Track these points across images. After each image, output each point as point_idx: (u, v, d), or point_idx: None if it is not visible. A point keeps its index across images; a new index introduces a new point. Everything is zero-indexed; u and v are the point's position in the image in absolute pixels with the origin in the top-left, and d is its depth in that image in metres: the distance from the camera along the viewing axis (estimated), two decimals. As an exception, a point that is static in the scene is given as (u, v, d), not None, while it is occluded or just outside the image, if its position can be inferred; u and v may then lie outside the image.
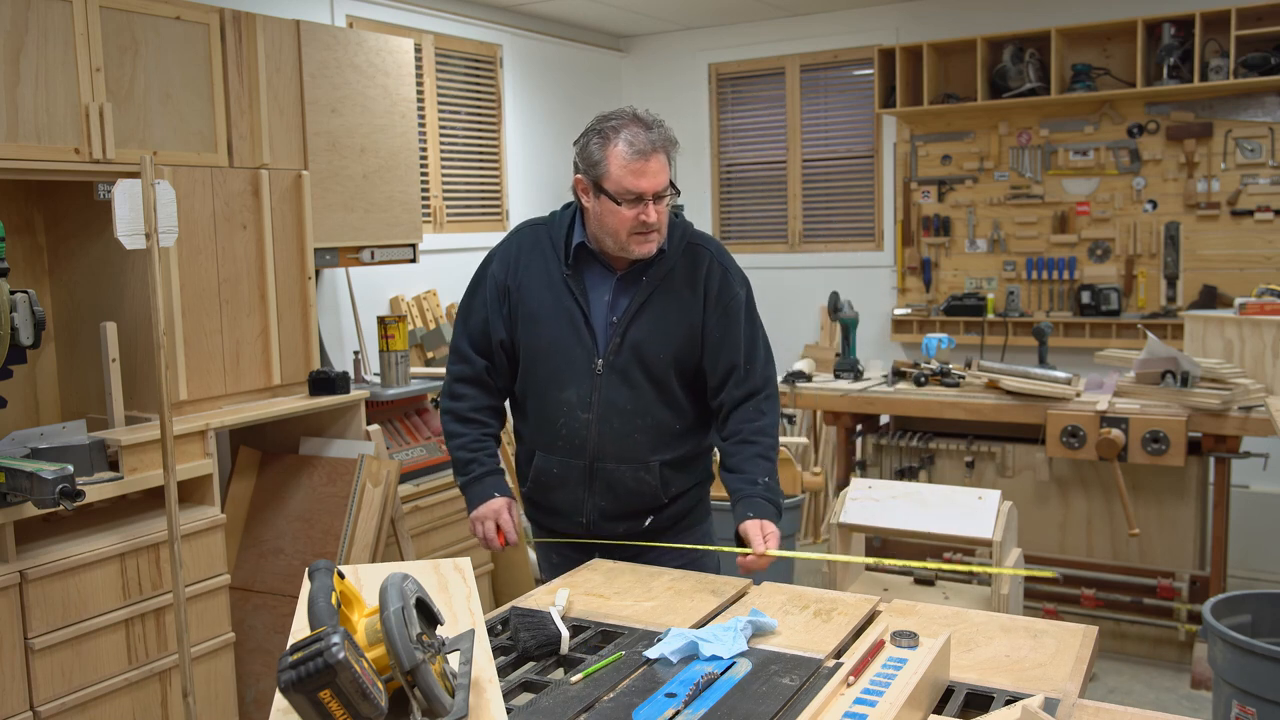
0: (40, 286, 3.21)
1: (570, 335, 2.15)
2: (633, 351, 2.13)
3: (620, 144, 2.03)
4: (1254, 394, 3.61)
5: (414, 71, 4.05)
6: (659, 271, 2.15)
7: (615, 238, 2.09)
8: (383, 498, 3.34)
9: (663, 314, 2.15)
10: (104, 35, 2.91)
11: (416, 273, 4.82)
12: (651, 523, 2.24)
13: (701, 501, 2.37)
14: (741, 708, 1.42)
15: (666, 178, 2.07)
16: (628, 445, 2.16)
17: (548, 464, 2.23)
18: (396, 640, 1.23)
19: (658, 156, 2.04)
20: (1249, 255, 4.89)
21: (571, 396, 2.16)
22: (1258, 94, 4.79)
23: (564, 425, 2.18)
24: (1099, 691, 3.63)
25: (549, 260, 2.19)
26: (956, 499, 2.88)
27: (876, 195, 5.85)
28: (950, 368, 4.18)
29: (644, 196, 2.04)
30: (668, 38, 6.33)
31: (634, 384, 2.14)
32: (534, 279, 2.19)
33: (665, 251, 2.15)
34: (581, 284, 2.16)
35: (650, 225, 2.06)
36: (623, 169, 2.03)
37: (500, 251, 2.26)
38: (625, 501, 2.21)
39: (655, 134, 2.05)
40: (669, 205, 2.11)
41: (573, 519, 2.24)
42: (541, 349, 2.19)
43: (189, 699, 2.75)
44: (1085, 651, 1.61)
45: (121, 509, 2.98)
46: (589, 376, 2.15)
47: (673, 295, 2.15)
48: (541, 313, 2.18)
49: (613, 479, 2.18)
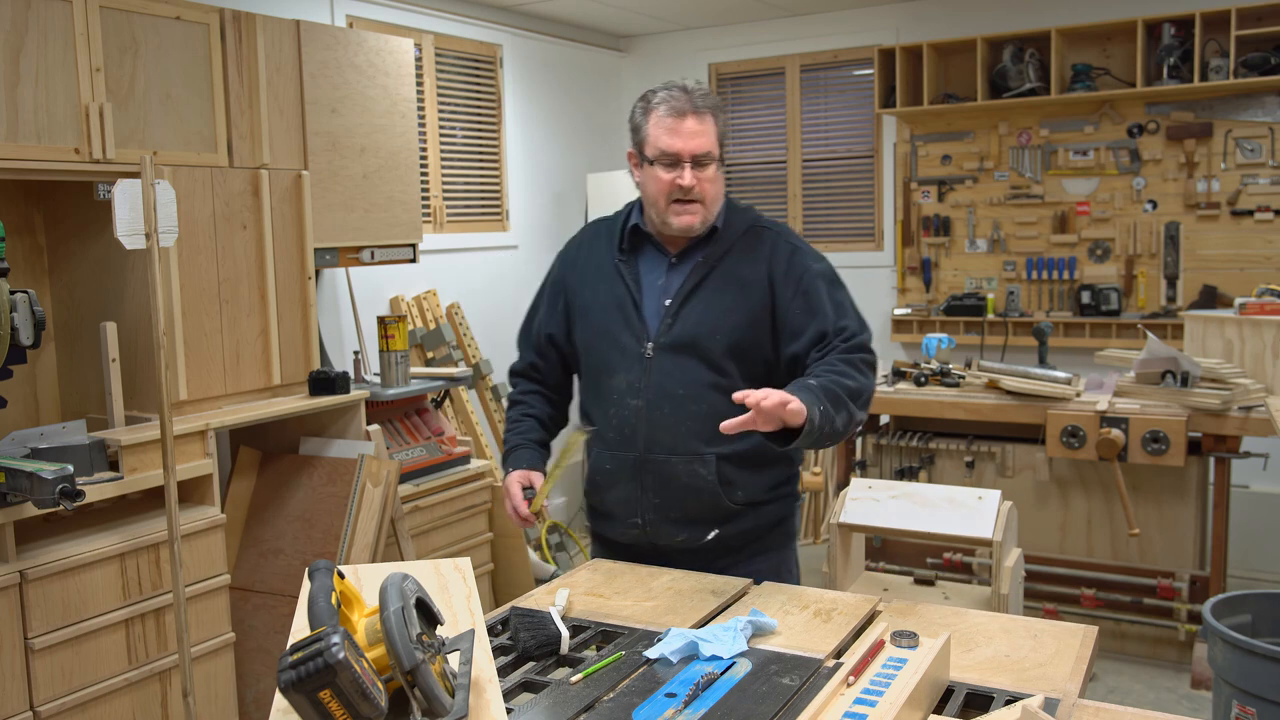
0: (40, 286, 3.21)
1: (619, 321, 2.08)
2: (685, 333, 2.03)
3: (659, 105, 2.00)
4: (1254, 394, 3.61)
5: (414, 71, 4.05)
6: (715, 252, 2.06)
7: (656, 208, 2.04)
8: (383, 498, 3.34)
9: (719, 295, 2.04)
10: (104, 35, 2.91)
11: (416, 273, 4.82)
12: (717, 537, 2.07)
13: (782, 524, 2.16)
14: (741, 708, 1.42)
15: (706, 141, 1.98)
16: (679, 434, 2.02)
17: (600, 460, 2.13)
18: (396, 640, 1.23)
19: (696, 117, 1.98)
20: (1249, 255, 4.89)
21: (621, 383, 2.07)
22: (1258, 94, 4.79)
23: (615, 414, 2.08)
24: (1099, 691, 3.63)
25: (605, 250, 2.16)
26: (956, 499, 2.88)
27: (876, 195, 5.85)
28: (950, 368, 4.18)
29: (680, 158, 1.97)
30: (668, 38, 6.33)
31: (686, 367, 2.03)
32: (589, 271, 2.17)
33: (719, 230, 2.07)
34: (635, 269, 2.11)
35: (688, 192, 1.99)
36: (659, 128, 1.99)
37: (564, 248, 2.27)
38: (682, 502, 2.05)
39: (695, 97, 1.99)
40: (716, 174, 2.02)
41: (627, 521, 2.10)
42: (592, 338, 2.14)
43: (189, 699, 2.75)
44: (1085, 651, 1.61)
45: (121, 509, 2.98)
46: (639, 361, 2.05)
47: (731, 277, 2.05)
48: (593, 303, 2.14)
49: (665, 473, 2.04)
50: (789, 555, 2.19)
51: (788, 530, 2.18)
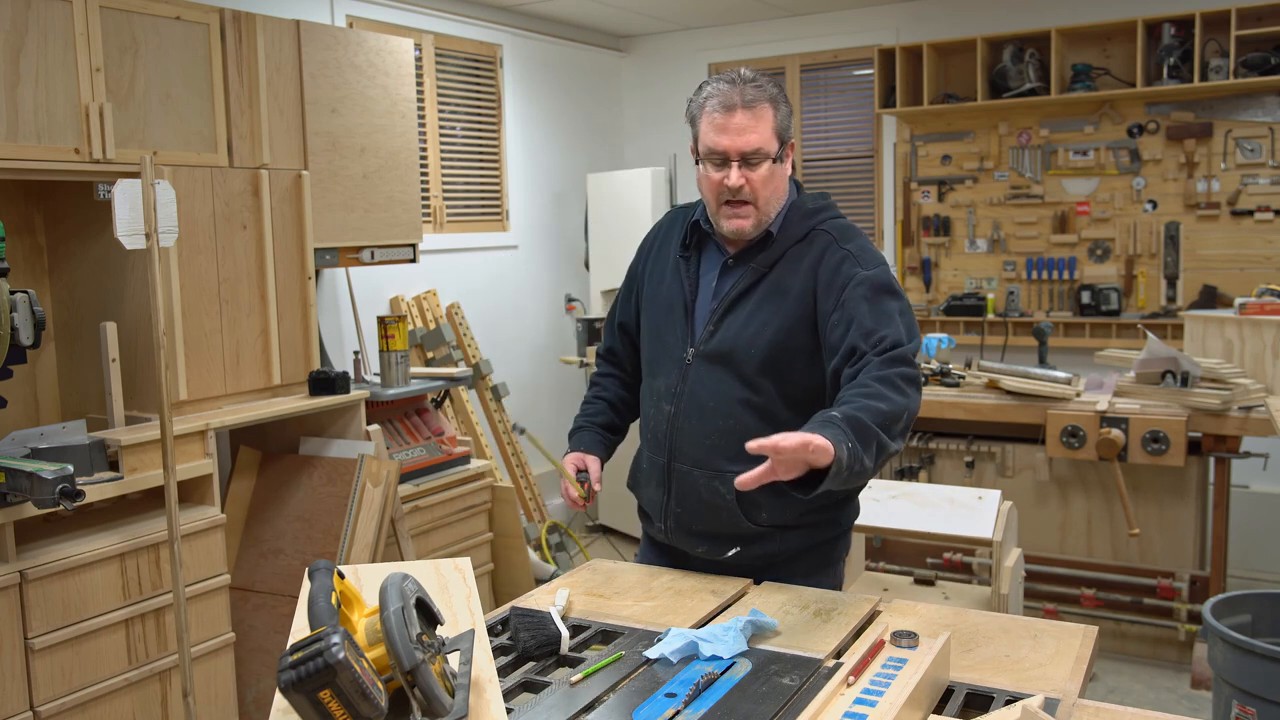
0: (40, 286, 3.21)
1: (669, 321, 2.01)
2: (724, 344, 1.92)
3: (710, 98, 1.87)
4: (1254, 394, 3.61)
5: (414, 71, 4.05)
6: (768, 257, 1.92)
7: (709, 208, 1.93)
8: (383, 498, 3.34)
9: (762, 306, 1.91)
10: (104, 35, 2.91)
11: (416, 273, 4.82)
12: (737, 554, 1.97)
13: (814, 551, 2.01)
14: (741, 708, 1.42)
15: (757, 138, 1.83)
16: (703, 447, 1.94)
17: (640, 457, 2.10)
18: (396, 640, 1.23)
19: (745, 112, 1.83)
20: (1249, 255, 4.89)
21: (660, 386, 2.01)
22: (1258, 94, 4.79)
23: (652, 415, 2.04)
24: (1099, 691, 3.63)
25: (675, 244, 2.06)
26: (956, 499, 2.88)
27: (876, 195, 5.85)
28: (950, 368, 4.17)
29: (728, 157, 1.84)
30: (668, 38, 6.33)
31: (720, 379, 1.93)
32: (659, 264, 2.09)
33: (774, 235, 1.93)
34: (695, 268, 2.01)
35: (737, 193, 1.86)
36: (707, 124, 1.87)
37: (648, 234, 2.18)
38: (701, 516, 1.97)
39: (746, 88, 1.84)
40: (771, 173, 1.87)
41: (655, 524, 2.07)
42: (647, 335, 2.08)
43: (189, 699, 2.75)
44: (1085, 651, 1.61)
45: (121, 509, 2.98)
46: (679, 366, 1.97)
47: (779, 285, 1.90)
48: (654, 299, 2.06)
49: (687, 484, 1.97)
50: (824, 581, 2.01)
51: (825, 555, 2.03)
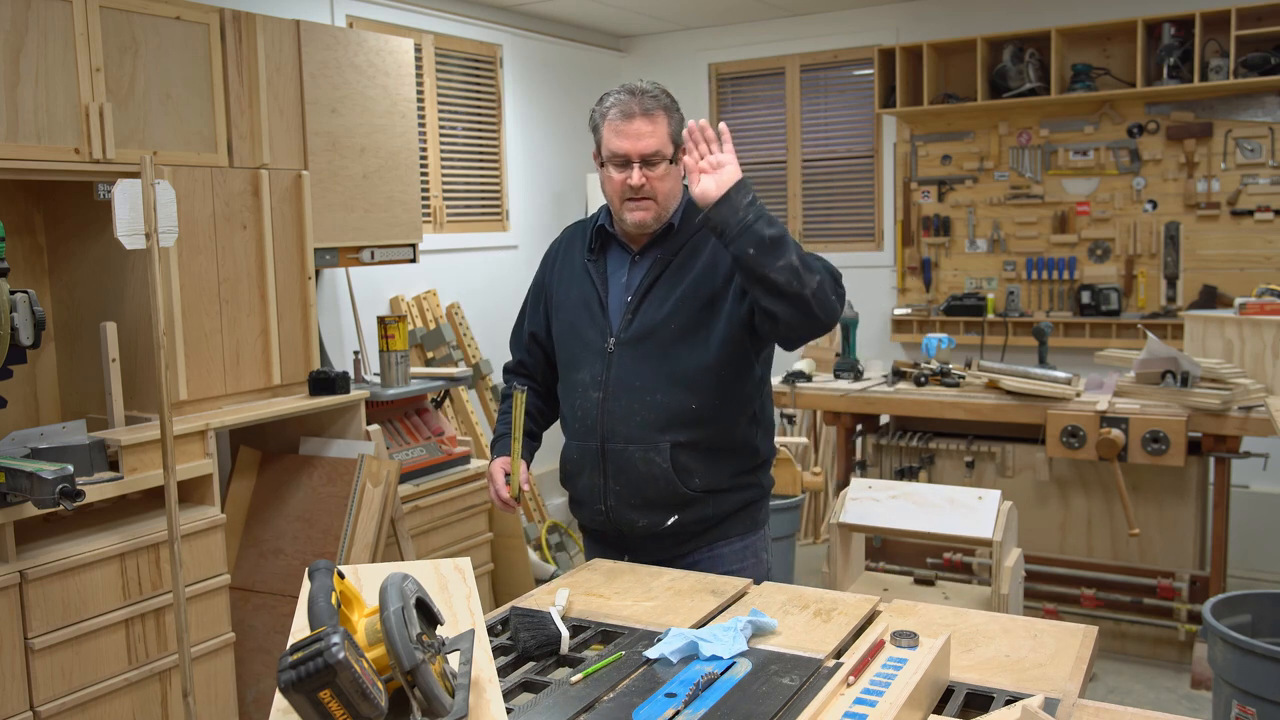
0: (40, 286, 3.21)
1: (585, 318, 2.18)
2: (643, 328, 2.11)
3: (611, 108, 2.07)
4: (1254, 394, 3.61)
5: (414, 71, 4.05)
6: (671, 247, 2.14)
7: (612, 206, 2.13)
8: (383, 498, 3.34)
9: (674, 287, 2.11)
10: (104, 35, 2.91)
11: (416, 273, 4.82)
12: (675, 523, 2.13)
13: (745, 510, 2.21)
14: (741, 708, 1.42)
15: (655, 142, 2.04)
16: (635, 423, 2.11)
17: (569, 450, 2.24)
18: (396, 640, 1.23)
19: (643, 119, 2.03)
20: (1249, 255, 4.89)
21: (585, 377, 2.17)
22: (1258, 94, 4.79)
23: (579, 406, 2.18)
24: (1099, 691, 3.63)
25: (579, 251, 2.25)
26: (956, 499, 2.88)
27: (876, 195, 5.85)
28: (950, 368, 4.18)
29: (630, 159, 2.04)
30: (668, 38, 6.33)
31: (645, 360, 2.11)
32: (565, 272, 2.27)
33: (675, 227, 2.14)
34: (603, 268, 2.19)
35: (638, 191, 2.05)
36: (610, 130, 2.06)
37: (547, 250, 2.37)
38: (640, 489, 2.12)
39: (645, 98, 2.04)
40: (667, 172, 2.07)
41: (594, 508, 2.19)
42: (562, 336, 2.25)
43: (189, 699, 2.75)
44: (1085, 651, 1.61)
45: (121, 509, 2.98)
46: (602, 356, 2.14)
47: (686, 269, 2.11)
48: (565, 302, 2.24)
49: (623, 461, 2.12)
50: (755, 542, 2.23)
51: (753, 517, 2.23)
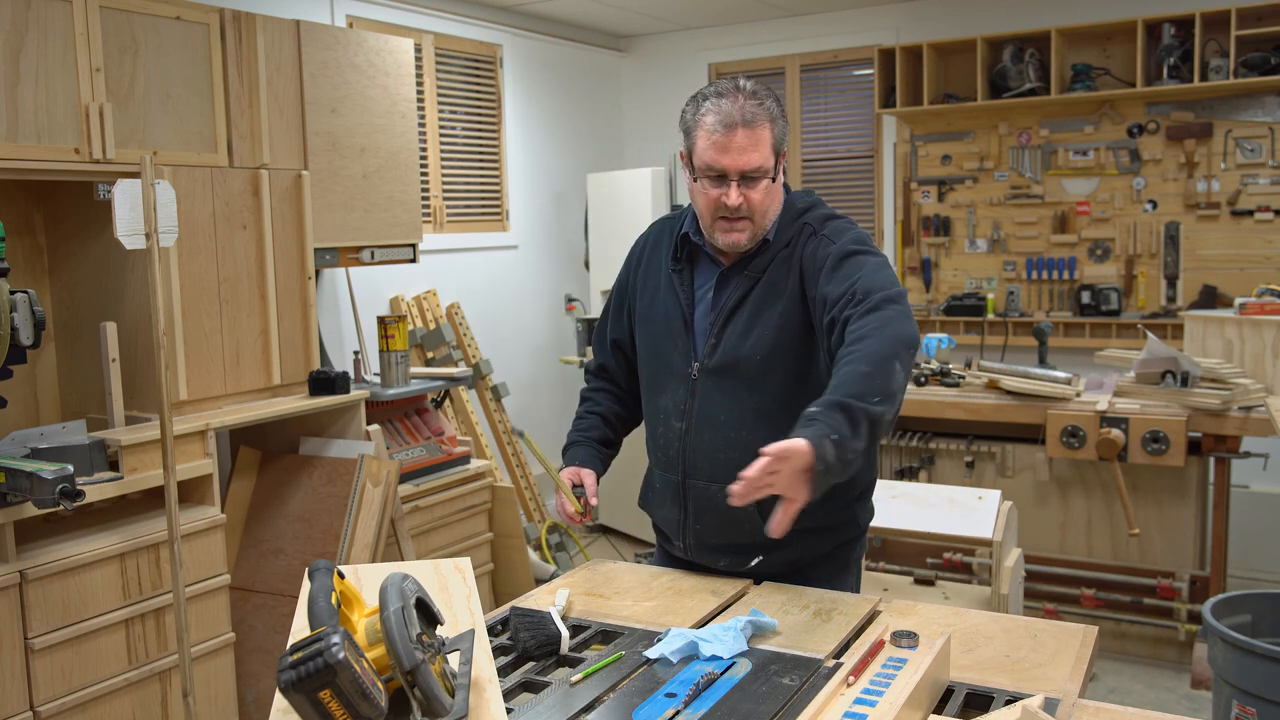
0: (40, 286, 3.21)
1: (668, 337, 1.97)
2: (727, 356, 1.90)
3: (708, 113, 1.82)
4: (1254, 394, 3.61)
5: (414, 71, 4.05)
6: (761, 262, 1.90)
7: (703, 222, 1.90)
8: (383, 498, 3.34)
9: (760, 310, 1.89)
10: (104, 35, 2.91)
11: (416, 273, 4.82)
12: (760, 564, 1.95)
13: (834, 555, 2.00)
14: (741, 708, 1.42)
15: (757, 157, 1.81)
16: (720, 462, 1.89)
17: (651, 477, 2.07)
18: (396, 640, 1.23)
19: (745, 131, 1.79)
20: (1249, 255, 4.89)
21: (668, 403, 1.98)
22: (1258, 94, 4.79)
23: (661, 435, 2.00)
24: (1099, 691, 3.63)
25: (665, 256, 2.02)
26: (956, 499, 2.88)
27: (876, 195, 5.85)
28: (950, 368, 4.17)
29: (726, 175, 1.82)
30: (668, 38, 6.33)
31: (730, 391, 1.90)
32: (649, 279, 2.05)
33: (769, 242, 1.90)
34: (689, 280, 1.97)
35: (735, 210, 1.83)
36: (706, 141, 1.82)
37: (633, 247, 2.14)
38: (722, 531, 1.94)
39: (748, 105, 1.80)
40: (768, 189, 1.84)
41: (674, 542, 2.04)
42: (646, 352, 2.05)
43: (189, 699, 2.75)
44: (1085, 651, 1.61)
45: (121, 509, 2.98)
46: (685, 382, 1.94)
47: (772, 287, 1.88)
48: (650, 314, 2.02)
49: (705, 501, 1.94)
50: (843, 587, 2.00)
51: (843, 561, 2.03)
